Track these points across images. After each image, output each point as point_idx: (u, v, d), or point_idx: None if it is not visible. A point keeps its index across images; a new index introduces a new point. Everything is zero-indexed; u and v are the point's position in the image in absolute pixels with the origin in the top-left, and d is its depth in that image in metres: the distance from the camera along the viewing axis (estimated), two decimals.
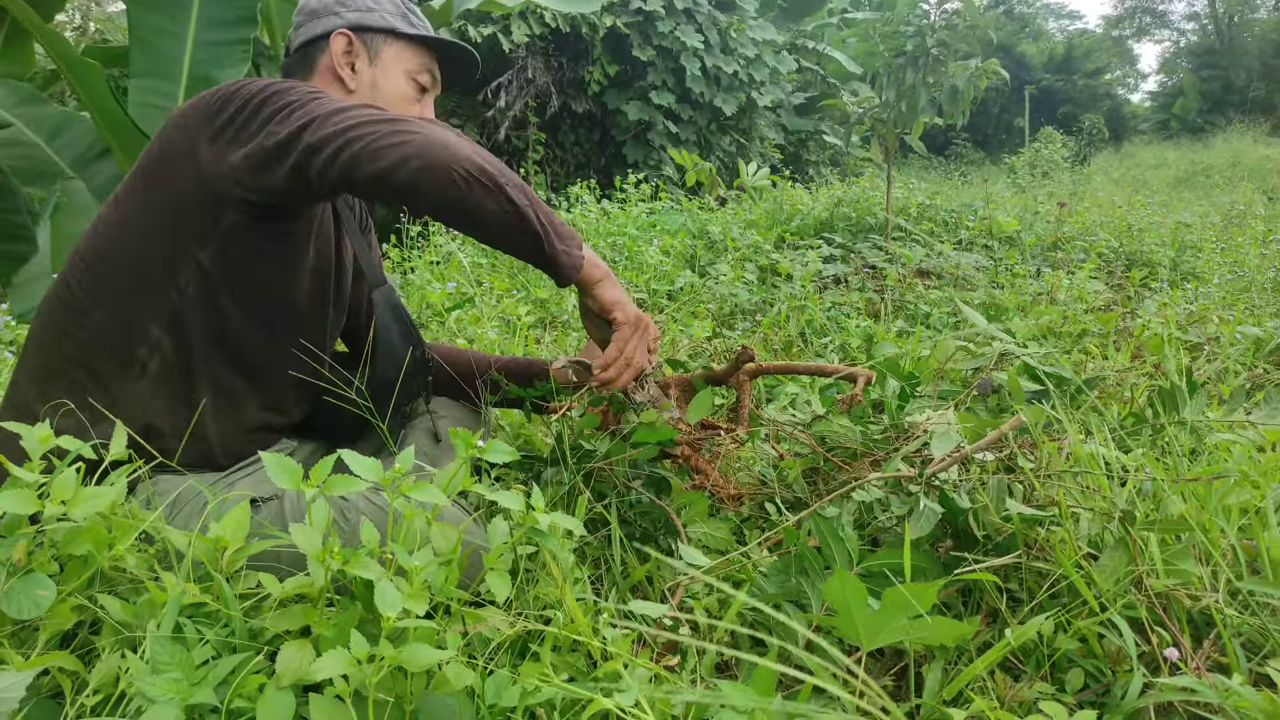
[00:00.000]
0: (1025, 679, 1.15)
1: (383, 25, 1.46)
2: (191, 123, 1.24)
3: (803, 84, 11.59)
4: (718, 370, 1.75)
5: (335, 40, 1.44)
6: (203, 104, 1.25)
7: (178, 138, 1.25)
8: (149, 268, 1.25)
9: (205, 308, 1.27)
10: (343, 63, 1.45)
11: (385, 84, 1.47)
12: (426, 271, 4.09)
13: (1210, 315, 3.29)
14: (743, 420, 1.67)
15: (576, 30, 8.45)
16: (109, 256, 1.26)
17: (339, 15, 1.46)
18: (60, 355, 1.26)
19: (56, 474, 0.92)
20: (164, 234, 1.25)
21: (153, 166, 1.26)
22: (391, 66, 1.48)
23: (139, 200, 1.27)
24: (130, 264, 1.25)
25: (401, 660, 0.82)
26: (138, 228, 1.26)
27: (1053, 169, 13.14)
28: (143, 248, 1.25)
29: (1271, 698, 0.92)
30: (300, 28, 1.48)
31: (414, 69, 1.50)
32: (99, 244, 1.28)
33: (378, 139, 1.14)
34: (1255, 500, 1.34)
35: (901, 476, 1.38)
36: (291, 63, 1.50)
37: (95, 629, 0.97)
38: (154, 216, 1.25)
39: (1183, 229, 5.77)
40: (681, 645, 1.21)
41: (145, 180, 1.27)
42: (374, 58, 1.47)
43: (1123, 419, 1.79)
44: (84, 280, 1.27)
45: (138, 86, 3.74)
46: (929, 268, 4.88)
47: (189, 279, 1.25)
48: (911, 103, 5.04)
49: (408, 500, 0.96)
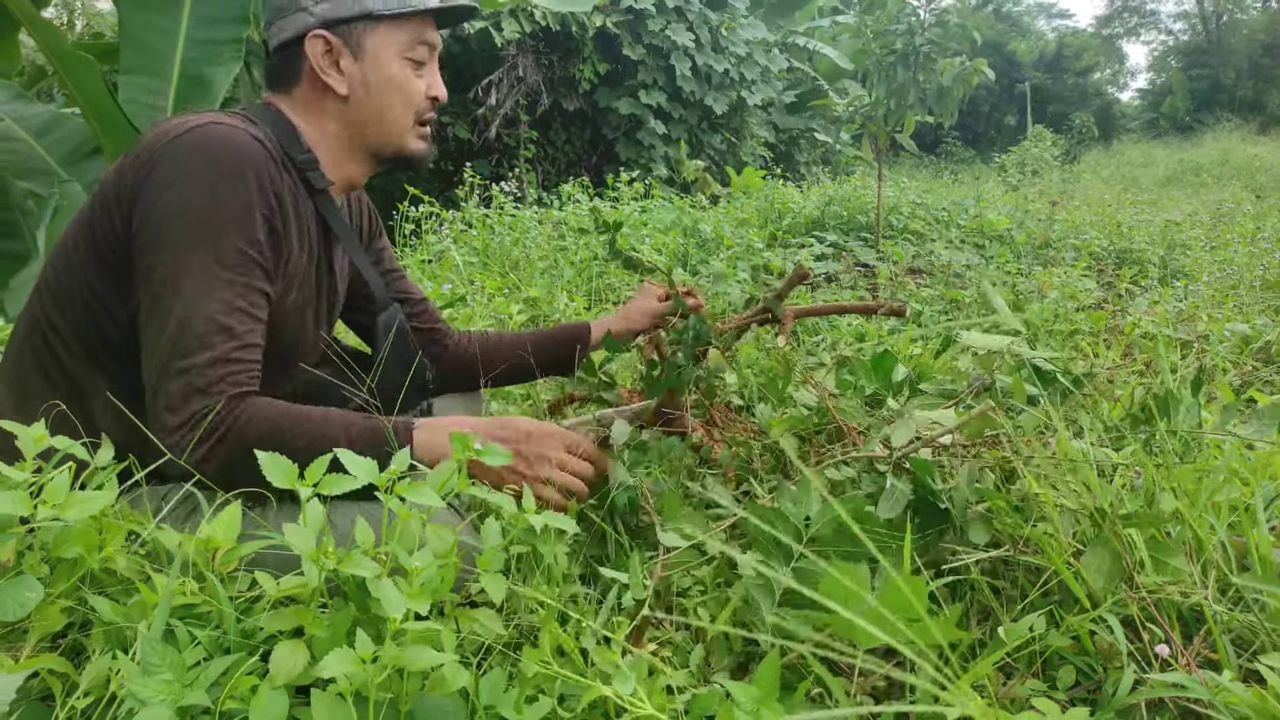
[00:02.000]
0: (1017, 676, 1.15)
1: (356, 12, 1.30)
2: (130, 184, 1.16)
3: (793, 82, 11.60)
4: (776, 290, 1.76)
5: (310, 44, 1.30)
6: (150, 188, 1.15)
7: (119, 189, 1.17)
8: (98, 302, 1.20)
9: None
10: (325, 67, 1.31)
11: (378, 77, 1.33)
12: (419, 270, 4.08)
13: (1199, 313, 3.31)
14: (784, 334, 1.67)
15: (567, 28, 8.44)
16: (67, 284, 1.22)
17: (308, 11, 1.30)
18: (38, 369, 1.23)
19: (45, 475, 0.91)
20: (108, 274, 1.20)
21: (100, 200, 1.20)
22: (381, 54, 1.33)
23: (89, 232, 1.20)
24: (82, 299, 1.21)
25: (404, 661, 0.82)
26: (88, 260, 1.21)
27: (1043, 167, 13.19)
28: (91, 281, 1.20)
29: (1262, 693, 0.93)
30: (271, 27, 1.34)
31: (405, 46, 1.34)
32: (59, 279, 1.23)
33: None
34: (1245, 497, 1.34)
35: (874, 456, 1.39)
36: (273, 66, 1.36)
37: (86, 630, 0.97)
38: (99, 254, 1.20)
39: (1172, 227, 5.80)
40: (663, 635, 1.22)
41: (95, 210, 1.20)
42: (358, 52, 1.32)
43: (1113, 418, 1.79)
44: (53, 311, 1.23)
45: (127, 84, 3.71)
46: (920, 266, 4.90)
47: (129, 322, 1.20)
48: (901, 100, 5.05)
49: (402, 502, 0.96)
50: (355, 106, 1.35)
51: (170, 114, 3.77)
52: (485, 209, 5.23)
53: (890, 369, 1.81)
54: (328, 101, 1.34)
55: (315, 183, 1.34)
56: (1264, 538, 1.25)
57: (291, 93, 1.35)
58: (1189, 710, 1.07)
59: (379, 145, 1.39)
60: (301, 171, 1.32)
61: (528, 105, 8.65)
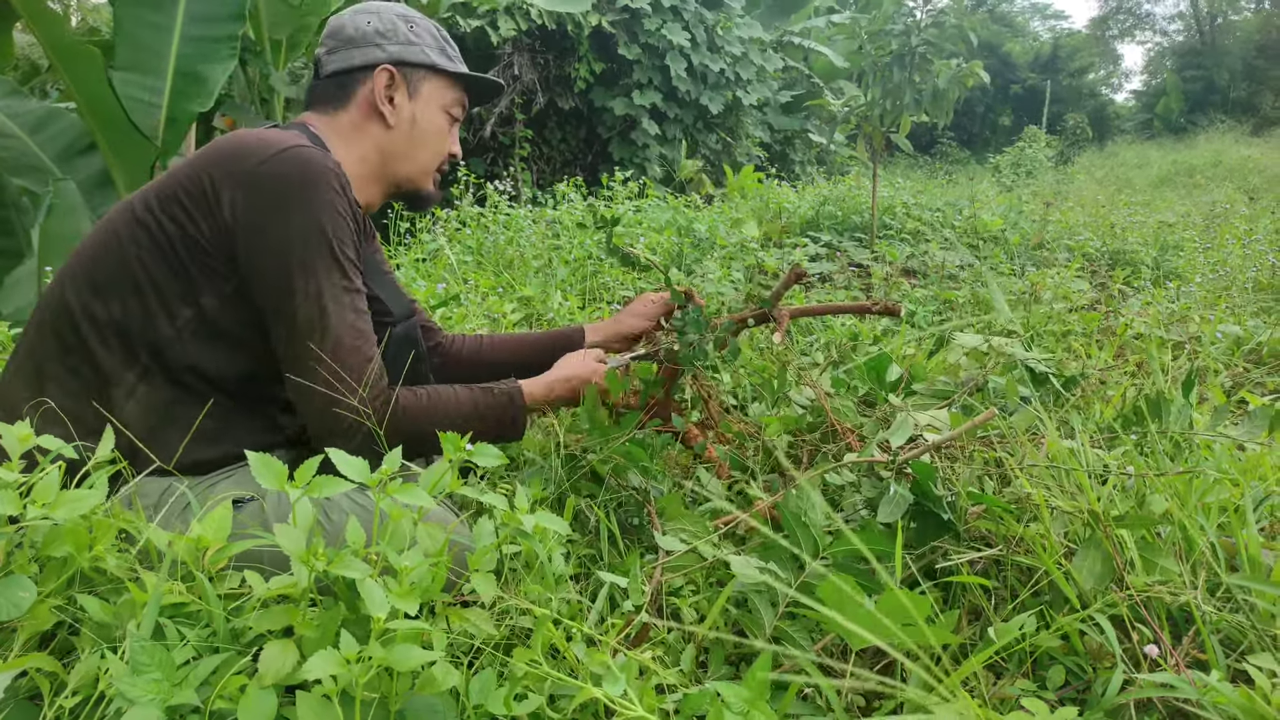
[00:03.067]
0: (1007, 676, 1.16)
1: (424, 61, 1.48)
2: (234, 184, 1.25)
3: (789, 82, 11.61)
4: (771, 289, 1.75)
5: (379, 75, 1.44)
6: (256, 183, 1.25)
7: (210, 184, 1.25)
8: (149, 296, 1.26)
9: (198, 346, 1.28)
10: (384, 97, 1.46)
11: (423, 118, 1.50)
12: (412, 269, 4.07)
13: (1192, 314, 3.32)
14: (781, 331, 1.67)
15: (562, 27, 8.43)
16: (111, 269, 1.26)
17: (381, 48, 1.46)
18: (60, 357, 1.26)
19: (37, 474, 0.91)
20: (173, 268, 1.26)
21: (178, 196, 1.26)
22: (430, 102, 1.51)
23: (153, 224, 1.26)
24: (133, 285, 1.26)
25: (390, 661, 0.82)
26: (147, 252, 1.26)
27: (1037, 168, 13.22)
28: (148, 274, 1.26)
29: (1249, 694, 0.93)
30: (334, 53, 1.47)
31: (449, 103, 1.53)
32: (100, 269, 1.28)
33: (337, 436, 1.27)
34: (1234, 498, 1.35)
35: (874, 460, 1.39)
36: (324, 89, 1.48)
37: (74, 630, 0.96)
38: (166, 248, 1.26)
39: (1165, 229, 5.81)
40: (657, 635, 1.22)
41: (162, 204, 1.27)
42: (414, 93, 1.49)
43: (1105, 420, 1.80)
44: (92, 301, 1.27)
45: (122, 80, 3.70)
46: (915, 266, 4.91)
47: (187, 320, 1.26)
48: (897, 101, 5.06)
49: (394, 501, 0.96)
50: (396, 138, 1.49)
51: (165, 110, 3.75)
52: (479, 208, 5.22)
53: (884, 369, 1.82)
54: (373, 127, 1.47)
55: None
56: (1253, 538, 1.25)
57: (338, 114, 1.47)
58: (1177, 710, 1.07)
59: (403, 178, 1.53)
60: None
61: (523, 104, 8.64)
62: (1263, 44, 25.43)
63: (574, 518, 1.53)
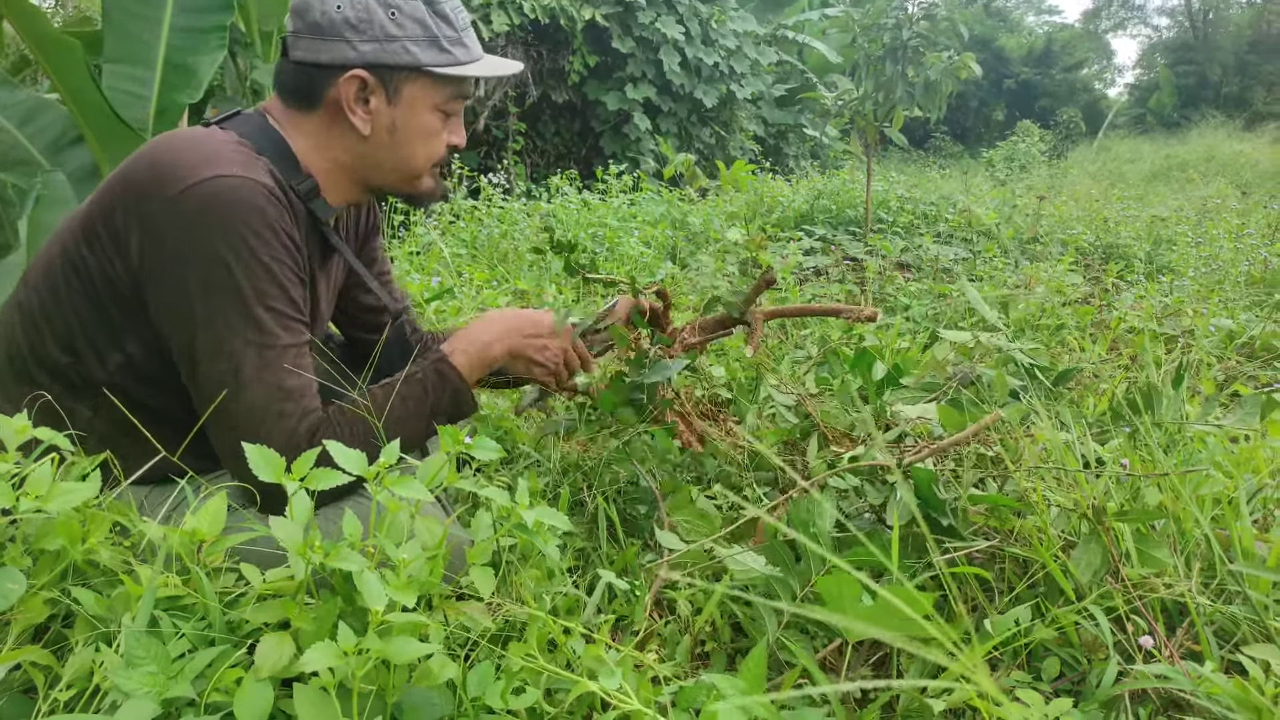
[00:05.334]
0: (1002, 667, 1.16)
1: (405, 63, 1.23)
2: (132, 209, 1.12)
3: (782, 75, 11.60)
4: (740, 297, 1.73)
5: (347, 84, 1.22)
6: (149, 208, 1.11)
7: (118, 214, 1.13)
8: (81, 335, 1.17)
9: (136, 389, 1.19)
10: (354, 106, 1.24)
11: (406, 125, 1.28)
12: (406, 262, 4.06)
13: (1185, 308, 3.33)
14: (754, 345, 1.65)
15: (556, 21, 8.40)
16: (48, 301, 1.19)
17: (352, 46, 1.21)
18: (14, 383, 1.21)
19: (27, 466, 0.90)
20: (97, 310, 1.16)
21: (93, 226, 1.15)
22: (417, 104, 1.27)
23: (76, 259, 1.16)
24: (63, 322, 1.17)
25: (388, 653, 0.81)
26: (75, 290, 1.16)
27: (1030, 163, 13.24)
28: (77, 312, 1.17)
29: (1243, 684, 0.94)
30: (300, 38, 1.22)
31: (443, 100, 1.29)
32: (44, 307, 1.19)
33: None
34: (1229, 491, 1.35)
35: (878, 465, 1.39)
36: (291, 77, 1.25)
37: (69, 623, 0.96)
38: (89, 285, 1.16)
39: (1158, 223, 5.83)
40: (655, 630, 1.22)
41: (84, 237, 1.16)
42: (394, 98, 1.25)
43: (1099, 413, 1.80)
44: (31, 332, 1.19)
45: (111, 72, 3.67)
46: (909, 260, 4.91)
47: (118, 365, 1.18)
48: (889, 95, 5.05)
49: (390, 495, 0.96)
50: (374, 147, 1.29)
51: (154, 102, 3.72)
52: (473, 201, 5.21)
53: (869, 366, 1.81)
54: (344, 135, 1.27)
55: (319, 213, 1.29)
56: (1247, 531, 1.26)
57: (307, 113, 1.27)
58: (1172, 700, 1.08)
59: (388, 186, 1.35)
60: (303, 200, 1.27)
61: (516, 97, 8.61)
62: (1255, 39, 25.49)
63: (571, 507, 1.53)
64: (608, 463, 1.60)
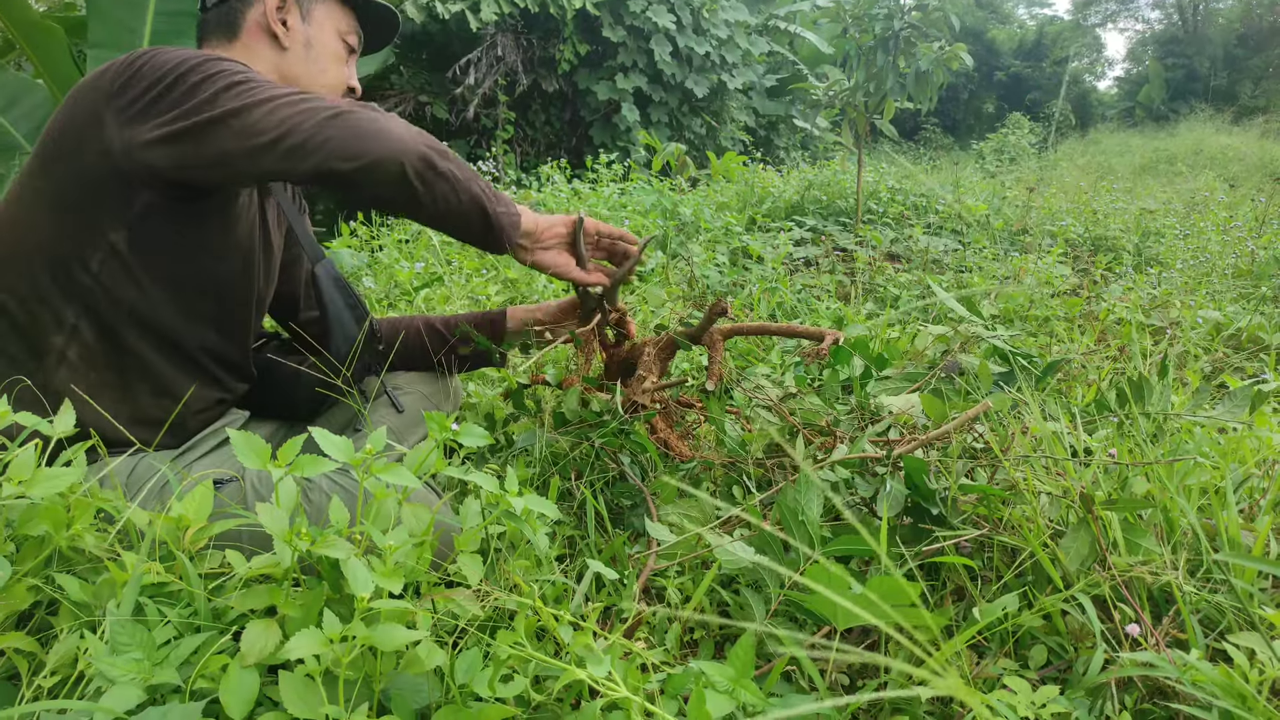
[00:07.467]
0: (990, 655, 1.17)
1: None
2: (97, 97, 1.16)
3: (773, 66, 11.58)
4: (692, 328, 1.72)
5: (268, 2, 1.38)
6: (108, 76, 1.17)
7: (81, 114, 1.18)
8: (57, 251, 1.19)
9: (122, 290, 1.21)
10: (276, 18, 1.40)
11: (319, 42, 1.44)
12: (395, 250, 4.04)
13: (1173, 300, 3.35)
14: (714, 377, 1.65)
15: (546, 9, 8.36)
16: (11, 240, 1.21)
17: None
18: None
19: (11, 451, 0.89)
20: (72, 215, 1.19)
21: (53, 144, 1.20)
22: (325, 25, 1.45)
23: (42, 180, 1.20)
24: (36, 247, 1.20)
25: (374, 640, 0.81)
26: (43, 208, 1.20)
27: (1020, 155, 13.26)
28: (49, 230, 1.19)
29: (1228, 672, 0.94)
30: None
31: (345, 29, 1.48)
32: (1, 229, 1.22)
33: (319, 134, 1.12)
34: (1215, 480, 1.36)
35: (868, 457, 1.38)
36: (213, 21, 1.41)
37: (53, 610, 0.95)
38: (59, 197, 1.19)
39: (1146, 215, 5.85)
40: (644, 617, 1.22)
41: (45, 160, 1.20)
42: (306, 15, 1.43)
43: (1086, 403, 1.81)
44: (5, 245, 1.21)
45: (95, 57, 3.63)
46: (899, 251, 4.92)
47: (102, 261, 1.20)
48: (880, 85, 5.05)
49: (378, 481, 0.95)
50: (292, 60, 1.43)
51: None
52: None
53: (847, 361, 1.81)
54: (267, 51, 1.41)
55: None
56: (1233, 520, 1.27)
57: (232, 43, 1.40)
58: (1157, 688, 1.08)
59: None
60: None
61: (506, 85, 8.57)
62: (1244, 33, 25.58)
63: (560, 495, 1.53)
64: (596, 455, 1.60)
